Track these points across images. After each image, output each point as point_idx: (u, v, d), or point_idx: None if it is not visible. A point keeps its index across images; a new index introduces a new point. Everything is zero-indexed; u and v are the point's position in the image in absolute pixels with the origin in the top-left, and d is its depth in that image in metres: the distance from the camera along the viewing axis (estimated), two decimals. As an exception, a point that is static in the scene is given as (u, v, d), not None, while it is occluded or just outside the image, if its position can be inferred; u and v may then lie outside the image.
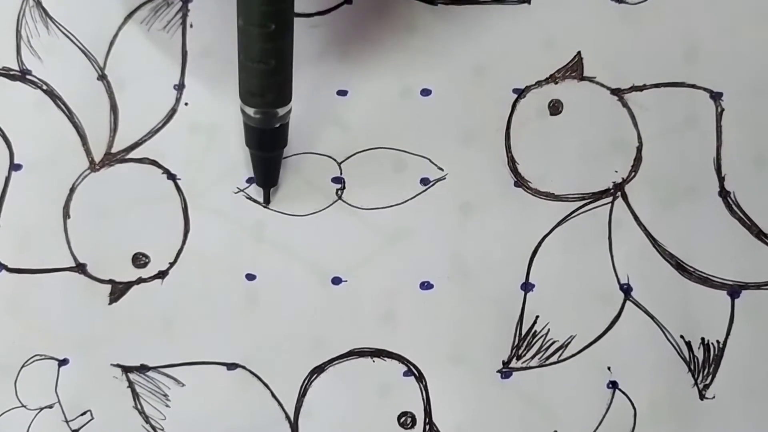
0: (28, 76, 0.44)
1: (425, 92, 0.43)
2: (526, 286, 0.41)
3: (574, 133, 0.42)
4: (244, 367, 0.41)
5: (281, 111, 0.38)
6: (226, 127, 0.43)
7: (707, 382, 0.39)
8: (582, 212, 0.41)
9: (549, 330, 0.40)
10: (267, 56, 0.35)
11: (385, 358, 0.40)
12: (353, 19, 0.44)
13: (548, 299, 0.41)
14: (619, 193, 0.41)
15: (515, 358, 0.40)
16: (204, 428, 0.40)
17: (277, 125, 0.38)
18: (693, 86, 0.42)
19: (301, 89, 0.42)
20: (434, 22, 0.43)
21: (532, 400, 0.40)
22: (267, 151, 0.40)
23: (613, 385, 0.40)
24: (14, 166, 0.43)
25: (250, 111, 0.38)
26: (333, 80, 0.43)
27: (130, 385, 0.41)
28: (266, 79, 0.36)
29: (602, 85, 0.42)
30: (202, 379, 0.41)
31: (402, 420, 0.40)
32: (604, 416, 0.39)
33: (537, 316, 0.40)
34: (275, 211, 0.42)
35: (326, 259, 0.41)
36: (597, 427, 0.39)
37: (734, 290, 0.40)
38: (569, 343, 0.40)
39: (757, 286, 0.40)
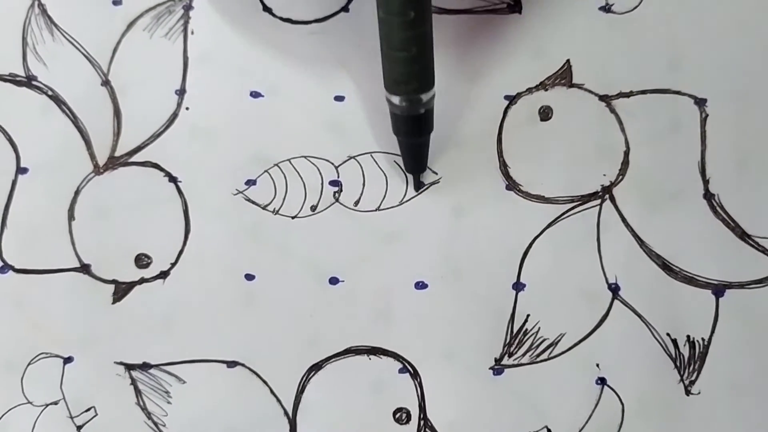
0: (34, 82, 0.45)
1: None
2: (518, 286, 0.42)
3: (563, 138, 0.43)
4: (243, 365, 0.41)
5: (425, 96, 0.38)
6: (226, 131, 0.44)
7: (693, 378, 0.40)
8: (571, 214, 0.42)
9: (539, 328, 0.41)
10: (409, 44, 0.36)
11: (381, 356, 0.41)
12: (350, 27, 0.44)
13: (539, 298, 0.41)
14: (607, 196, 0.42)
15: (507, 355, 0.41)
16: (205, 424, 0.41)
17: (423, 111, 0.39)
18: (678, 93, 0.43)
19: (299, 95, 0.44)
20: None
21: (523, 396, 0.41)
22: (415, 137, 0.40)
23: (602, 381, 0.41)
24: (20, 170, 0.44)
25: (396, 99, 0.38)
26: (330, 86, 0.44)
27: (133, 382, 0.42)
28: (410, 66, 0.37)
29: (590, 92, 0.43)
30: (203, 377, 0.42)
31: (397, 416, 0.41)
32: (593, 412, 0.40)
33: (528, 315, 0.41)
34: (274, 212, 0.43)
35: (323, 260, 0.42)
36: (586, 423, 0.40)
37: (719, 289, 0.41)
38: (559, 340, 0.41)
39: (741, 285, 0.41)
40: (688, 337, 0.41)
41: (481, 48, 0.44)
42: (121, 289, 0.43)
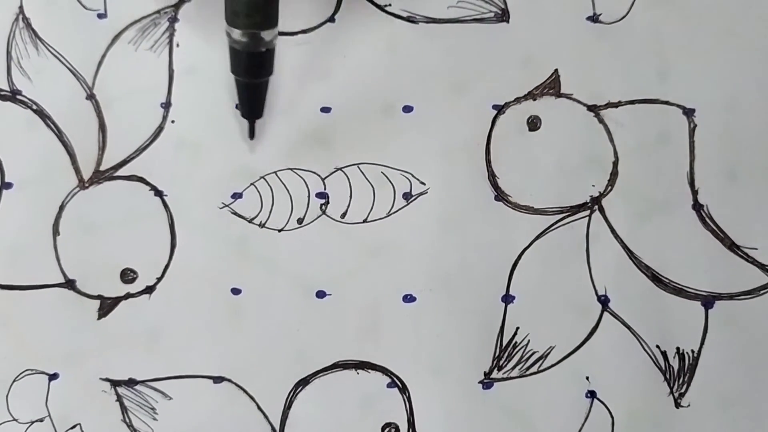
0: (19, 96, 0.44)
1: (407, 109, 0.43)
2: (507, 298, 0.41)
3: (552, 149, 0.43)
4: (230, 380, 0.41)
5: (268, 35, 0.37)
6: (212, 144, 0.43)
7: (682, 390, 0.40)
8: (560, 225, 0.42)
9: (529, 341, 0.41)
10: None
11: (369, 370, 0.41)
12: (336, 38, 0.44)
13: (528, 311, 0.41)
14: (596, 207, 0.42)
15: (496, 368, 0.41)
16: (192, 440, 0.41)
17: (263, 50, 0.38)
18: (666, 103, 0.43)
19: (285, 106, 0.43)
20: (415, 40, 0.44)
21: (512, 409, 0.40)
22: (253, 77, 0.39)
23: (592, 394, 0.40)
24: (5, 185, 0.43)
25: (236, 34, 0.37)
26: (316, 97, 0.44)
27: (119, 398, 0.41)
28: None
29: (579, 102, 0.43)
30: (189, 393, 0.41)
31: (386, 431, 0.41)
32: (582, 425, 0.40)
33: (517, 328, 0.41)
34: (260, 226, 0.43)
35: (310, 273, 0.42)
36: (576, 436, 0.40)
37: (708, 301, 0.41)
38: (549, 353, 0.41)
39: (730, 296, 0.41)
40: (678, 349, 0.40)
41: (469, 57, 0.44)
42: (107, 305, 0.42)
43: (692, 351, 0.40)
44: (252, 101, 0.41)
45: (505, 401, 0.41)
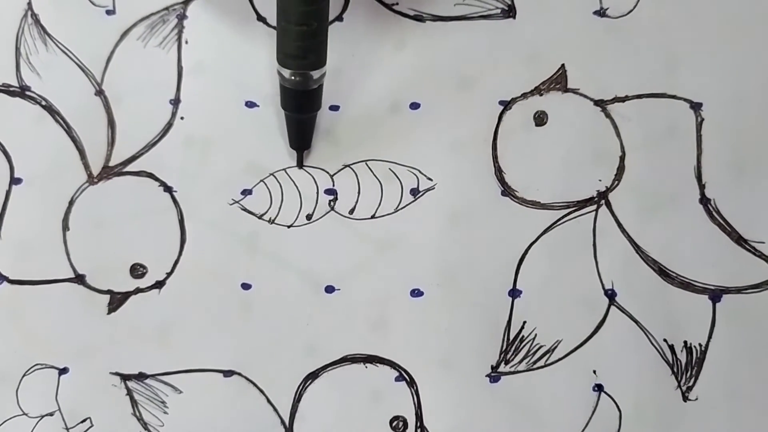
0: (28, 92, 0.45)
1: (414, 105, 0.44)
2: (514, 293, 0.42)
3: (558, 144, 0.43)
4: (240, 374, 0.41)
5: (317, 73, 0.39)
6: (222, 140, 0.44)
7: (690, 384, 0.40)
8: (567, 220, 0.42)
9: (536, 335, 0.41)
10: (307, 18, 0.37)
11: (377, 364, 0.41)
12: (344, 36, 0.44)
13: (535, 305, 0.41)
14: (603, 202, 0.42)
15: (503, 362, 0.41)
16: (201, 434, 0.41)
17: (313, 87, 0.39)
18: (673, 97, 0.43)
19: (294, 103, 0.44)
20: (422, 37, 0.44)
21: (520, 403, 0.41)
22: (302, 112, 0.41)
23: (599, 388, 0.40)
24: (14, 180, 0.44)
25: (287, 73, 0.39)
26: (325, 96, 0.43)
27: (129, 392, 0.42)
28: (306, 41, 0.37)
29: (586, 97, 0.43)
30: (199, 386, 0.41)
31: (394, 424, 0.41)
32: (590, 419, 0.40)
33: (524, 322, 0.41)
34: (270, 222, 0.43)
35: (319, 268, 0.42)
36: (583, 429, 0.40)
37: (715, 294, 0.41)
38: (556, 347, 0.41)
39: (738, 290, 0.41)
40: (685, 342, 0.40)
41: (476, 54, 0.44)
42: (117, 300, 0.42)
43: (700, 345, 0.40)
44: (300, 134, 0.42)
45: (512, 395, 0.41)
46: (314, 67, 0.39)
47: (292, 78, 0.39)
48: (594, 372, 0.41)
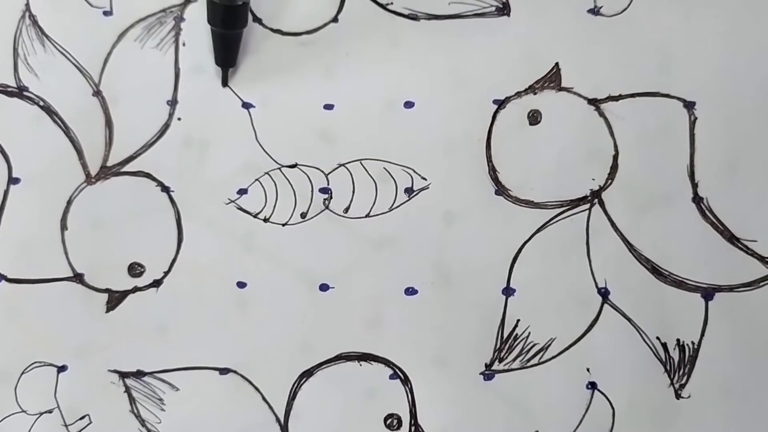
0: (26, 93, 0.45)
1: (408, 105, 0.44)
2: (508, 291, 0.42)
3: (552, 142, 0.43)
4: (236, 372, 0.42)
5: None
6: (218, 141, 0.44)
7: (683, 381, 0.40)
8: (561, 219, 0.42)
9: (530, 333, 0.41)
10: None
11: (372, 362, 0.42)
12: (339, 37, 0.45)
13: (529, 303, 0.42)
14: (596, 200, 0.42)
15: (497, 360, 0.41)
16: (198, 431, 0.41)
17: (239, 3, 0.41)
18: (667, 96, 0.43)
19: (289, 104, 0.44)
20: (417, 36, 0.45)
21: (513, 401, 0.41)
22: (229, 28, 0.42)
23: (592, 385, 0.41)
24: (13, 180, 0.44)
25: None
26: (320, 95, 0.44)
27: (127, 390, 0.42)
28: None
29: (579, 96, 0.43)
30: (196, 384, 0.42)
31: (388, 422, 0.41)
32: (583, 416, 0.41)
33: (518, 320, 0.42)
34: (265, 221, 0.43)
35: (314, 267, 0.43)
36: (577, 427, 0.40)
37: (708, 293, 0.41)
38: (549, 345, 0.41)
39: (730, 288, 0.41)
40: (678, 340, 0.41)
41: (470, 52, 0.44)
42: (115, 298, 0.43)
43: (692, 342, 0.41)
44: (227, 51, 0.43)
45: (506, 393, 0.41)
46: None
47: None
48: (587, 370, 0.41)
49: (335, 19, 0.45)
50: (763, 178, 0.42)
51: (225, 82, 0.44)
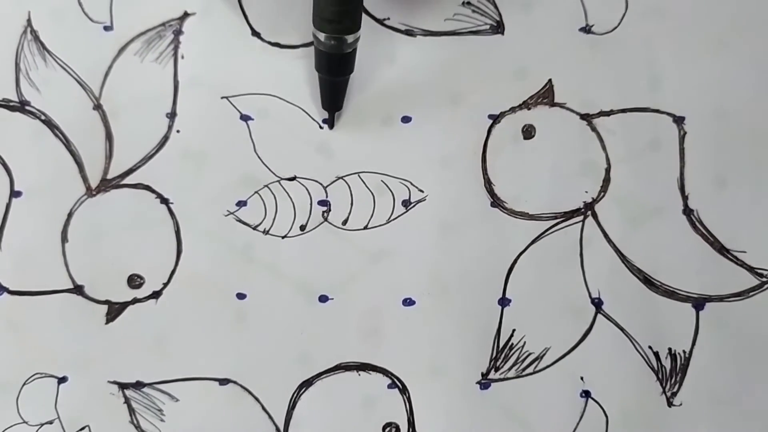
0: (27, 107, 0.45)
1: (405, 119, 0.45)
2: (503, 301, 0.43)
3: (546, 156, 0.44)
4: (235, 382, 0.42)
5: (351, 38, 0.40)
6: (217, 153, 0.45)
7: (675, 390, 0.41)
8: (555, 231, 0.43)
9: (525, 342, 0.42)
10: None
11: (370, 372, 0.42)
12: (337, 51, 0.45)
13: (524, 313, 0.42)
14: (589, 213, 0.43)
15: (493, 369, 0.42)
16: (198, 441, 0.42)
17: (347, 51, 0.41)
18: (657, 111, 0.44)
19: (288, 117, 0.45)
20: (413, 52, 0.45)
21: (509, 409, 0.42)
22: (336, 75, 0.42)
23: (586, 394, 0.41)
24: (14, 193, 0.44)
25: (323, 36, 0.40)
26: (318, 108, 0.45)
27: (127, 401, 0.42)
28: (342, 6, 0.39)
29: (572, 111, 0.44)
30: (196, 395, 0.42)
31: (387, 430, 0.42)
32: (577, 424, 0.41)
33: (514, 330, 0.42)
34: (264, 233, 0.44)
35: (313, 278, 0.43)
36: (571, 435, 0.41)
37: (699, 303, 0.42)
38: (544, 354, 0.42)
39: (720, 298, 0.42)
40: (670, 349, 0.41)
41: (465, 69, 0.45)
42: (114, 310, 0.43)
43: (684, 351, 0.41)
44: (333, 96, 0.43)
45: (502, 401, 0.42)
46: (349, 32, 0.40)
47: (328, 42, 0.40)
48: (581, 378, 0.42)
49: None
50: (752, 191, 0.43)
51: (331, 126, 0.44)
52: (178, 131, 0.45)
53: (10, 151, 0.45)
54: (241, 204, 0.44)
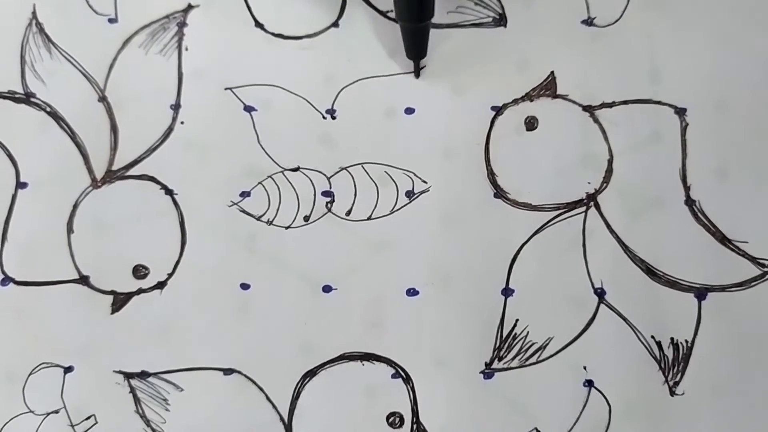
0: (33, 99, 0.46)
1: (409, 111, 0.45)
2: (506, 292, 0.43)
3: (549, 148, 0.44)
4: (239, 372, 0.42)
5: None
6: (221, 144, 0.45)
7: (677, 379, 0.42)
8: (557, 221, 0.43)
9: (528, 332, 0.42)
10: None
11: (374, 362, 0.42)
12: (340, 42, 0.46)
13: (527, 303, 0.43)
14: (591, 203, 0.43)
15: (497, 359, 0.42)
16: (202, 431, 0.42)
17: None
18: (659, 103, 0.44)
19: (292, 108, 0.45)
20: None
21: (513, 399, 0.42)
22: (416, 21, 0.42)
23: (589, 383, 0.42)
24: (20, 185, 0.45)
25: None
26: (322, 100, 0.45)
27: (132, 390, 0.43)
28: None
29: (574, 103, 0.45)
30: (200, 384, 0.42)
31: (390, 420, 0.42)
32: (581, 413, 0.41)
33: (517, 320, 0.42)
34: (268, 223, 0.44)
35: (317, 269, 0.43)
36: (574, 424, 0.41)
37: (701, 293, 0.42)
38: (547, 344, 0.42)
39: (722, 288, 0.42)
40: (672, 339, 0.42)
41: (468, 61, 0.45)
42: (120, 300, 0.43)
43: (686, 341, 0.42)
44: (416, 43, 0.43)
45: (505, 391, 0.42)
46: None
47: None
48: (584, 368, 0.42)
49: (336, 24, 0.46)
50: (753, 181, 0.43)
51: (417, 74, 0.45)
52: (182, 123, 0.45)
53: (15, 142, 0.45)
54: (245, 195, 0.44)
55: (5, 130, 0.45)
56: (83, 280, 0.44)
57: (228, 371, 0.42)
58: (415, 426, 0.42)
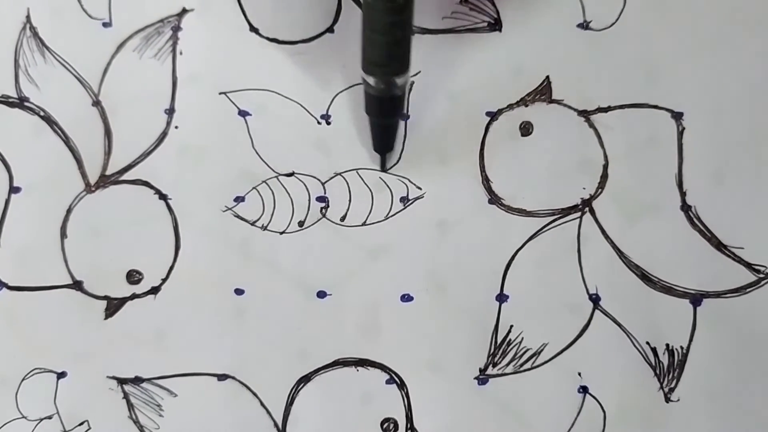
0: (26, 103, 0.45)
1: (403, 116, 0.45)
2: (501, 297, 0.43)
3: (544, 153, 0.44)
4: (234, 378, 0.42)
5: (400, 80, 0.39)
6: (215, 149, 0.45)
7: (672, 385, 0.41)
8: (552, 227, 0.43)
9: (523, 338, 0.42)
10: (393, 29, 0.37)
11: (369, 367, 0.42)
12: (335, 47, 0.45)
13: (522, 309, 0.42)
14: (587, 209, 0.43)
15: (491, 365, 0.42)
16: (196, 437, 0.42)
17: (397, 93, 0.40)
18: (655, 107, 0.44)
19: (286, 113, 0.45)
20: (411, 49, 0.45)
21: (507, 405, 0.42)
22: (386, 117, 0.41)
23: (584, 389, 0.42)
24: (13, 189, 0.45)
25: (372, 80, 0.39)
26: (317, 105, 0.45)
27: (125, 396, 0.42)
28: (390, 49, 0.38)
29: (570, 107, 0.44)
30: (194, 390, 0.42)
31: (385, 426, 0.42)
32: (575, 419, 0.41)
33: (511, 326, 0.42)
34: (262, 228, 0.44)
35: (311, 274, 0.43)
36: (569, 430, 0.41)
37: (696, 299, 0.42)
38: (542, 350, 0.42)
39: (717, 294, 0.42)
40: (667, 345, 0.42)
41: (463, 66, 0.45)
42: (113, 305, 0.43)
43: (681, 347, 0.42)
44: (384, 138, 0.43)
45: (500, 397, 0.42)
46: (398, 74, 0.39)
47: (377, 85, 0.39)
48: (579, 374, 0.42)
49: (331, 29, 0.46)
50: (750, 187, 0.43)
51: (383, 168, 0.44)
52: (176, 127, 0.45)
53: (9, 147, 0.45)
54: (239, 200, 0.44)
55: (-1, 134, 0.45)
56: (77, 285, 0.43)
57: (222, 377, 0.42)
58: (409, 432, 0.42)
